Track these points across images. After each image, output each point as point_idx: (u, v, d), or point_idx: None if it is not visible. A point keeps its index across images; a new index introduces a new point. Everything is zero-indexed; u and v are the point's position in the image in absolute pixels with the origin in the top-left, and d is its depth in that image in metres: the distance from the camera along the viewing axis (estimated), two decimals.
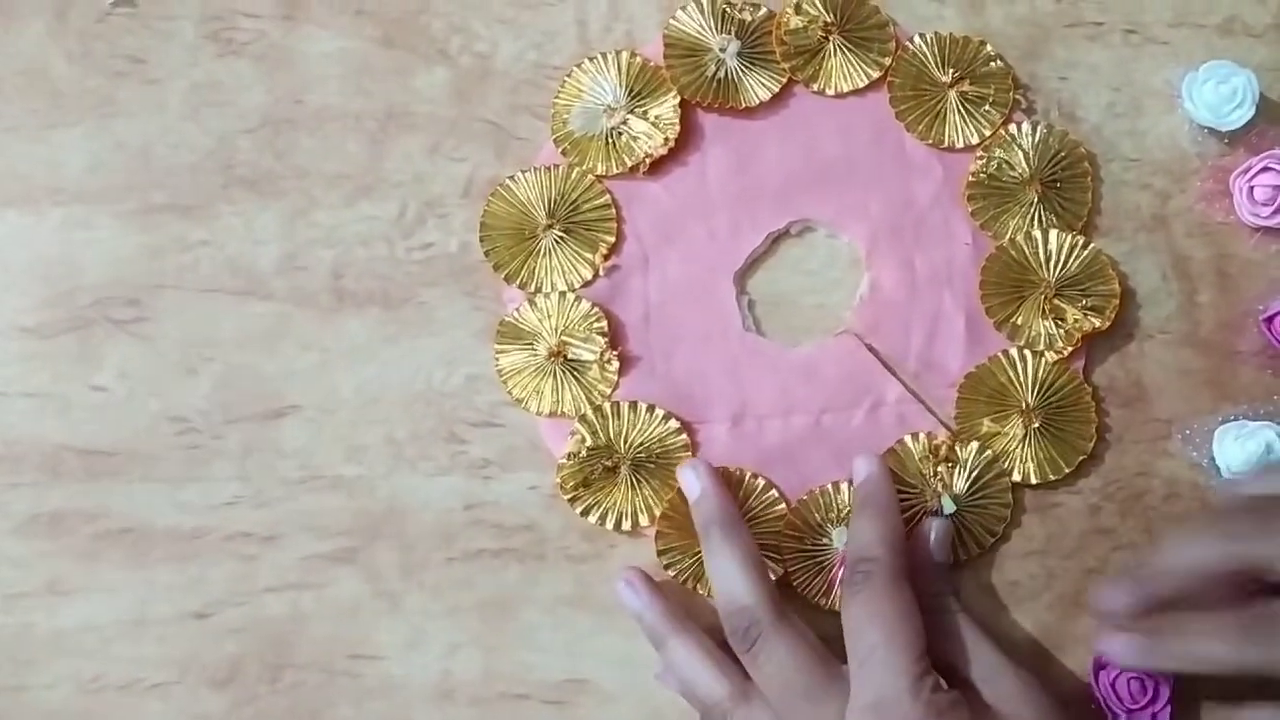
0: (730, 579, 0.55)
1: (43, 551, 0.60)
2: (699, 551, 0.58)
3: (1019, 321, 0.60)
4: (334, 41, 0.63)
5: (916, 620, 0.53)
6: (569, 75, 0.62)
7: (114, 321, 0.61)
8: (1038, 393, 0.60)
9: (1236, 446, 0.59)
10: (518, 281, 0.60)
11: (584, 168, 0.61)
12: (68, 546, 0.60)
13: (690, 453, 0.59)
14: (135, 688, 0.59)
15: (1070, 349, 0.60)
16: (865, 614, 0.53)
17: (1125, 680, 0.57)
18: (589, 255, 0.61)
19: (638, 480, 0.59)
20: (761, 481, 0.59)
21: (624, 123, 0.61)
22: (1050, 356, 0.60)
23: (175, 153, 0.62)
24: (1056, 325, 0.60)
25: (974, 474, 0.59)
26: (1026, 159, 0.61)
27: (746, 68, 0.61)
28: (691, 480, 0.58)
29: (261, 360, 0.61)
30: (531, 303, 0.60)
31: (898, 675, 0.51)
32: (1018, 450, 0.60)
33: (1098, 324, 0.60)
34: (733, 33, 0.61)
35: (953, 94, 0.61)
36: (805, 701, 0.53)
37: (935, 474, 0.59)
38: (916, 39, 0.62)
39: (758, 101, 0.61)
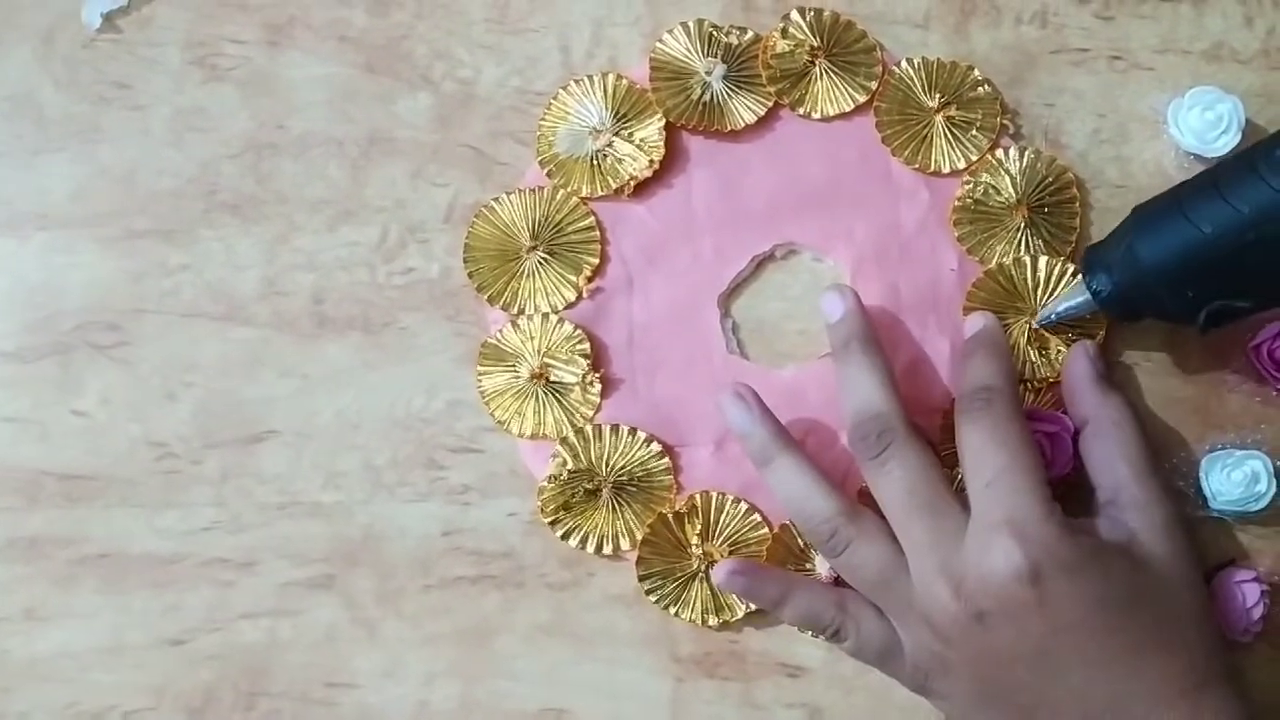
0: (866, 388, 0.55)
1: (19, 576, 0.60)
2: (680, 576, 0.58)
3: None
4: (318, 67, 0.63)
5: (1038, 452, 0.53)
6: (555, 97, 0.62)
7: (95, 346, 0.61)
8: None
9: (1224, 476, 0.58)
10: (501, 303, 0.60)
11: (569, 189, 0.61)
12: (44, 571, 0.60)
13: (672, 476, 0.59)
14: (110, 715, 0.59)
15: (1054, 379, 0.59)
16: (989, 438, 0.53)
17: None
18: (572, 277, 0.60)
19: (619, 503, 0.58)
20: (744, 506, 0.59)
21: (609, 145, 0.61)
22: (1037, 380, 0.59)
23: (158, 178, 0.62)
24: (1040, 355, 0.59)
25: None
26: (1014, 184, 0.60)
27: (732, 91, 0.61)
28: (835, 301, 0.57)
29: (241, 385, 0.61)
30: (514, 324, 0.60)
31: (1028, 496, 0.51)
32: None
33: None
34: (719, 56, 0.61)
35: (939, 118, 0.61)
36: (927, 512, 0.52)
37: None
38: (904, 63, 0.62)
39: (743, 125, 0.61)
